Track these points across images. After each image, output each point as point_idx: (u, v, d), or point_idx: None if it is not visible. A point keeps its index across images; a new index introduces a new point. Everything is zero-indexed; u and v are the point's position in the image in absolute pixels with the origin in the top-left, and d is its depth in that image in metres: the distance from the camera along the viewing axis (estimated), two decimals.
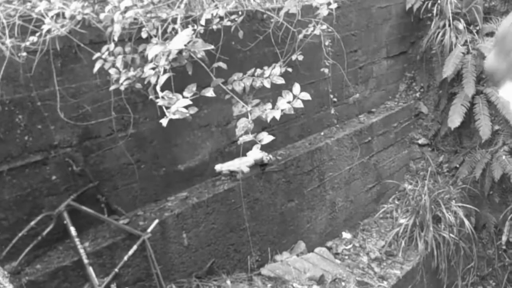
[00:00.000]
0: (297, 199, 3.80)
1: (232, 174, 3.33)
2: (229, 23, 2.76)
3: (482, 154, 4.74)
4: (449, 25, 4.62)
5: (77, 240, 2.46)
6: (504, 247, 4.83)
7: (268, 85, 2.23)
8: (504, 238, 4.75)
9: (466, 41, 4.58)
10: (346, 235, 4.44)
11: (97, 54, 2.35)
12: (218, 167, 3.32)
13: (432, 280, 4.49)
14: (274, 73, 2.26)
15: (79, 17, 2.37)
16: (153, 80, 2.07)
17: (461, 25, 4.60)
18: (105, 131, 2.70)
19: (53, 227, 2.47)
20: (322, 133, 4.24)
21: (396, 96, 5.36)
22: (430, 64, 5.10)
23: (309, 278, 3.33)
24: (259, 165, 3.46)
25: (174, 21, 2.42)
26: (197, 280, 3.02)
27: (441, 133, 5.15)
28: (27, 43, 2.25)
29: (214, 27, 2.72)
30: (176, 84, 2.26)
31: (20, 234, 2.35)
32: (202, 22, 2.50)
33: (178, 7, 2.56)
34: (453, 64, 4.46)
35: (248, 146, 3.28)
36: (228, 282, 3.08)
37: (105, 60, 2.34)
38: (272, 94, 3.31)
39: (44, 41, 2.30)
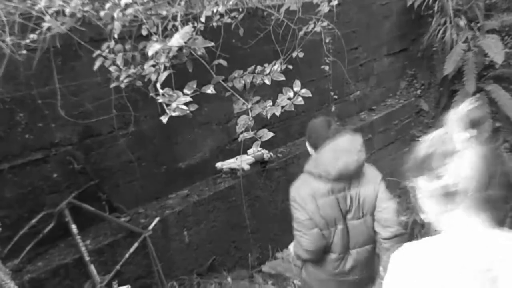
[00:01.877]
0: None
1: (232, 171, 3.34)
2: (229, 20, 2.76)
3: None
4: (450, 22, 4.62)
5: (78, 237, 2.47)
6: None
7: (268, 82, 2.24)
8: None
9: (467, 38, 4.57)
10: None
11: (98, 52, 2.35)
12: (219, 164, 3.32)
13: None
14: (274, 70, 2.26)
15: (79, 15, 2.37)
16: (153, 77, 2.07)
17: (462, 22, 4.59)
18: (106, 129, 2.71)
19: (55, 225, 2.48)
20: None
21: (396, 93, 5.36)
22: (431, 61, 5.09)
23: None
24: (260, 162, 3.47)
25: (174, 18, 2.42)
26: (198, 277, 3.03)
27: None
28: (27, 41, 2.25)
29: (215, 24, 2.72)
30: (177, 81, 2.26)
31: (21, 232, 2.36)
32: (202, 19, 2.50)
33: (178, 4, 2.55)
34: (454, 61, 4.46)
35: (249, 143, 3.28)
36: (229, 279, 3.09)
37: (105, 57, 2.34)
38: (272, 91, 3.30)
39: (44, 39, 2.31)
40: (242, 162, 3.25)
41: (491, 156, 0.89)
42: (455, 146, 0.90)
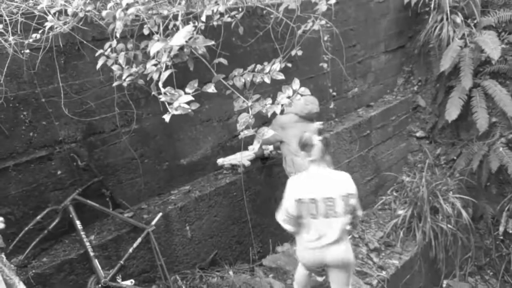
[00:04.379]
0: None
1: (233, 167, 3.38)
2: (229, 19, 2.79)
3: (479, 146, 4.79)
4: (447, 19, 4.64)
5: (82, 233, 2.50)
6: (501, 237, 4.89)
7: (268, 81, 2.26)
8: (501, 229, 4.81)
9: (463, 34, 4.60)
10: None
11: (100, 51, 2.37)
12: (220, 160, 3.36)
13: (430, 270, 4.56)
14: (274, 69, 2.29)
15: (81, 14, 2.39)
16: (155, 76, 2.09)
17: (458, 19, 4.62)
18: (109, 127, 2.74)
19: (59, 221, 2.52)
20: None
21: (394, 90, 5.40)
22: (427, 58, 5.12)
23: None
24: (260, 159, 3.51)
25: (175, 17, 2.45)
26: (200, 271, 3.07)
27: (439, 126, 5.19)
28: (30, 40, 2.28)
29: (215, 23, 2.75)
30: (178, 80, 2.30)
31: (26, 228, 2.40)
32: (203, 18, 2.53)
33: (179, 3, 2.59)
34: (451, 57, 4.49)
35: (249, 140, 3.33)
36: (231, 272, 3.14)
37: (107, 56, 2.36)
38: (272, 89, 3.35)
39: (47, 38, 2.33)
40: (243, 158, 3.29)
41: (323, 146, 2.35)
42: (313, 142, 2.37)
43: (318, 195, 2.30)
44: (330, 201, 2.28)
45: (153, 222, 2.77)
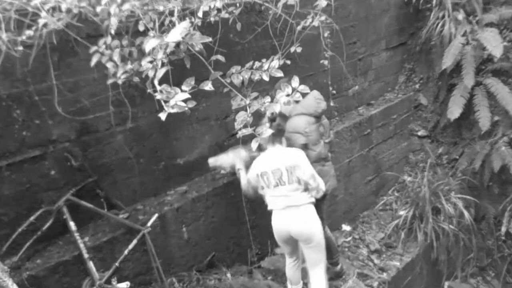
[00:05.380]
0: None
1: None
2: (227, 15, 2.76)
3: (481, 145, 4.75)
4: (449, 16, 4.61)
5: (77, 234, 2.47)
6: (503, 238, 4.87)
7: (267, 78, 2.23)
8: (503, 229, 4.78)
9: (465, 31, 4.56)
10: (346, 227, 4.47)
11: (94, 48, 2.34)
12: (212, 160, 3.26)
13: (431, 271, 4.53)
14: (272, 66, 2.25)
15: (75, 11, 2.35)
16: (151, 73, 2.06)
17: (460, 16, 4.58)
18: (104, 126, 2.70)
19: (53, 222, 2.48)
20: None
21: (395, 87, 5.36)
22: (429, 55, 5.09)
23: None
24: None
25: (171, 13, 2.41)
26: (197, 274, 3.04)
27: (441, 125, 5.16)
28: (23, 37, 2.23)
29: (212, 19, 2.71)
30: (174, 77, 2.25)
31: (19, 229, 2.36)
32: (200, 14, 2.49)
33: None
34: (453, 55, 4.45)
35: (247, 139, 3.29)
36: (229, 275, 3.11)
37: (102, 53, 2.33)
38: (270, 87, 3.30)
39: (40, 35, 2.29)
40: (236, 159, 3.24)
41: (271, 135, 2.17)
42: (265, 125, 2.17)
43: (269, 168, 2.70)
44: (277, 172, 2.68)
45: (149, 223, 2.73)
